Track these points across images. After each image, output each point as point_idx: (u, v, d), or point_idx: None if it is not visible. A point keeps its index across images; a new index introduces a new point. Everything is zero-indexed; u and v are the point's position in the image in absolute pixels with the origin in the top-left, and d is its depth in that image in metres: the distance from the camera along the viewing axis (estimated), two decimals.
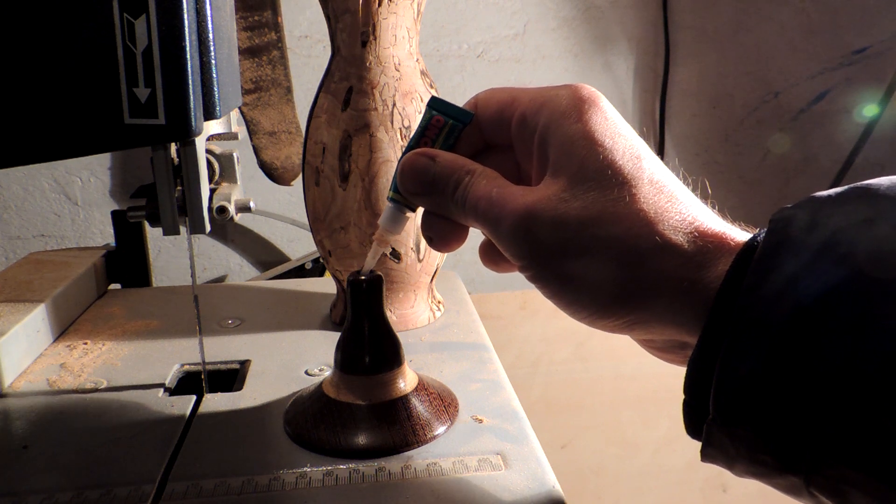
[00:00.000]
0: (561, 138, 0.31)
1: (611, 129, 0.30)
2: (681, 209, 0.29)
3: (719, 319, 0.26)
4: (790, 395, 0.24)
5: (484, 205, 0.32)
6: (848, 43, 1.21)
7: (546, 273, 0.31)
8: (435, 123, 0.34)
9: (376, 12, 0.53)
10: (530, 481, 0.39)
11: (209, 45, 0.41)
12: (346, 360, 0.43)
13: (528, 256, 0.31)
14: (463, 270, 1.20)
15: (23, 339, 0.54)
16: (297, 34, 1.08)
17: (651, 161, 0.30)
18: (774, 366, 0.24)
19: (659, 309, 0.29)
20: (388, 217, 0.37)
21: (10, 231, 1.09)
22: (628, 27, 1.15)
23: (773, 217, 0.27)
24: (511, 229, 0.31)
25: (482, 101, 0.35)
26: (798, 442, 0.24)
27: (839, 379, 0.23)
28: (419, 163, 0.34)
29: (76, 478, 0.40)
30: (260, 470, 0.40)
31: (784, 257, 0.25)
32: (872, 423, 0.22)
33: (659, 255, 0.28)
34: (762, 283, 0.25)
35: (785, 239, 0.26)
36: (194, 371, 0.54)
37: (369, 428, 0.42)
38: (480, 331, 0.60)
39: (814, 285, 0.24)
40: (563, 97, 0.31)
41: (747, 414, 0.25)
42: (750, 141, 1.23)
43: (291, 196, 1.13)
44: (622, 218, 0.29)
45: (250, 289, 0.72)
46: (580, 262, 0.29)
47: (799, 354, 0.24)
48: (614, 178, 0.29)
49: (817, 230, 0.25)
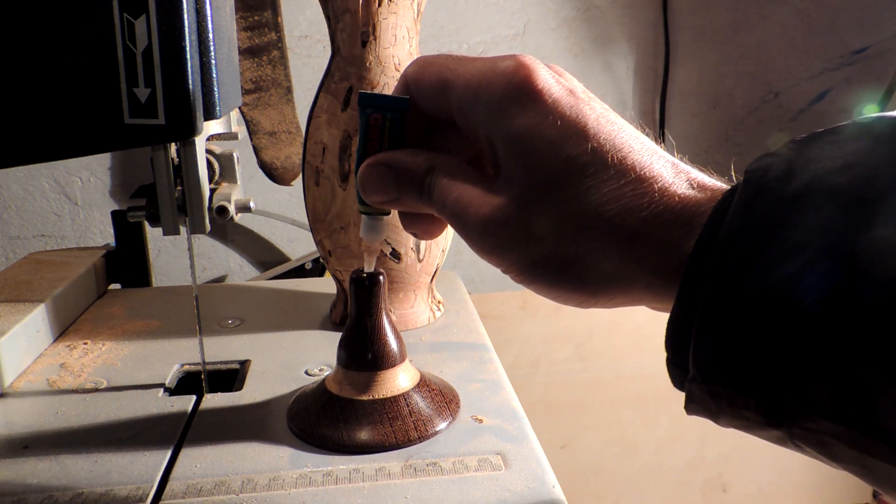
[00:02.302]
0: (503, 138, 0.29)
1: (553, 117, 0.28)
2: (641, 188, 0.28)
3: (695, 278, 0.26)
4: (767, 352, 0.23)
5: (449, 210, 0.31)
6: (848, 43, 1.21)
7: (522, 278, 0.31)
8: (374, 123, 0.33)
9: (376, 12, 0.53)
10: (530, 481, 0.39)
11: (209, 45, 0.41)
12: (348, 357, 0.44)
13: (500, 265, 0.31)
14: (463, 270, 1.20)
15: (23, 339, 0.54)
16: (297, 34, 1.08)
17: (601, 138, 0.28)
18: (750, 323, 0.24)
19: (636, 289, 0.29)
20: (367, 228, 0.36)
21: (10, 231, 1.09)
22: (628, 27, 1.15)
23: (749, 167, 0.26)
24: (477, 243, 0.30)
25: (413, 82, 0.33)
26: (777, 397, 0.24)
27: (817, 333, 0.22)
28: (375, 174, 0.33)
29: (76, 478, 0.40)
30: (260, 470, 0.40)
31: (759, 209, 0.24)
32: (852, 374, 0.22)
33: (624, 244, 0.28)
34: (736, 238, 0.24)
35: (761, 189, 0.25)
36: (194, 371, 0.54)
37: (371, 423, 0.42)
38: (480, 331, 0.60)
39: (790, 238, 0.23)
40: (498, 84, 0.29)
41: (726, 372, 0.25)
42: (750, 141, 1.23)
43: (291, 196, 1.13)
44: (580, 217, 0.28)
45: (250, 289, 0.72)
46: (551, 268, 0.29)
47: (774, 311, 0.23)
48: (564, 180, 0.28)
49: (794, 178, 0.24)
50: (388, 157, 0.33)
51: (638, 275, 0.28)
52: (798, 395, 0.23)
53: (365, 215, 0.36)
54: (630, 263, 0.28)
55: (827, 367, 0.22)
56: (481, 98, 0.30)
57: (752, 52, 1.19)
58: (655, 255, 0.28)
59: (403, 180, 0.32)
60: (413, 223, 0.35)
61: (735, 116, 1.21)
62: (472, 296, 0.70)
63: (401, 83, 0.33)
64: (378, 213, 0.35)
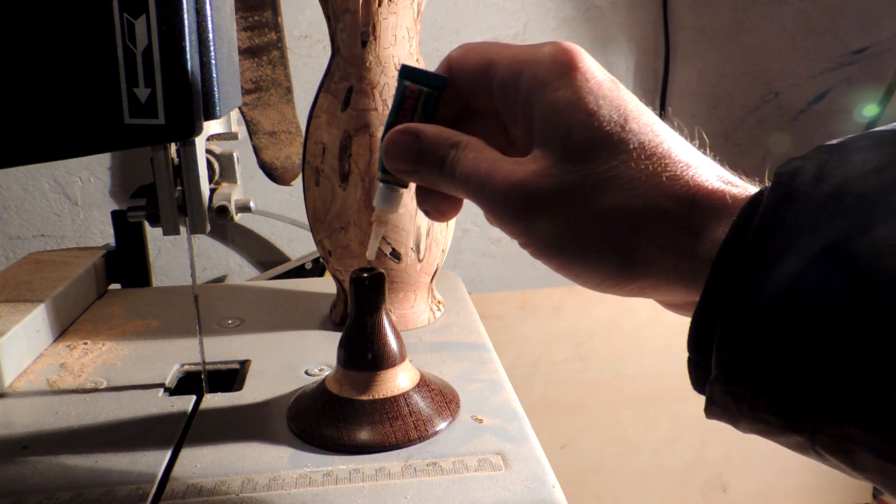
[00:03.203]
0: (543, 108, 0.30)
1: (594, 94, 0.29)
2: (676, 171, 0.28)
3: (721, 278, 0.26)
4: (791, 355, 0.23)
5: (474, 182, 0.31)
6: (848, 43, 1.21)
7: (546, 250, 0.30)
8: (410, 94, 0.33)
9: (376, 12, 0.53)
10: (530, 481, 0.39)
11: (209, 45, 0.41)
12: (348, 357, 0.44)
13: (524, 234, 0.30)
14: (463, 270, 1.20)
15: (23, 339, 0.54)
16: (297, 34, 1.08)
17: (640, 122, 0.29)
18: (774, 326, 0.24)
19: (664, 274, 0.28)
20: (382, 197, 0.36)
21: (10, 231, 1.09)
22: (628, 27, 1.15)
23: (778, 170, 0.26)
24: (503, 208, 0.30)
25: (456, 63, 0.33)
26: (801, 401, 0.23)
27: (844, 337, 0.22)
28: (402, 141, 0.33)
29: (76, 478, 0.40)
30: (260, 470, 0.40)
31: (788, 212, 0.24)
32: (879, 380, 0.21)
33: (656, 223, 0.28)
34: (764, 240, 0.24)
35: (790, 192, 0.25)
36: (194, 371, 0.54)
37: (371, 423, 0.42)
38: (480, 331, 0.60)
39: (818, 241, 0.23)
40: (543, 62, 0.30)
41: (749, 374, 0.24)
42: (750, 141, 1.23)
43: (291, 196, 1.13)
44: (614, 189, 0.28)
45: (250, 289, 0.72)
46: (578, 238, 0.29)
47: (798, 314, 0.23)
48: (601, 150, 0.28)
49: (824, 182, 0.24)
50: (417, 127, 0.33)
51: (667, 258, 0.28)
52: (822, 399, 0.23)
53: (383, 184, 0.36)
54: (661, 243, 0.28)
55: (851, 372, 0.22)
56: (525, 73, 0.30)
57: (752, 52, 1.19)
58: (686, 240, 0.27)
59: (428, 151, 0.32)
60: (427, 199, 0.34)
61: (735, 116, 1.22)
62: (472, 296, 0.70)
63: (443, 64, 0.34)
64: (396, 183, 0.35)
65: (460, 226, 1.18)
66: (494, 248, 1.22)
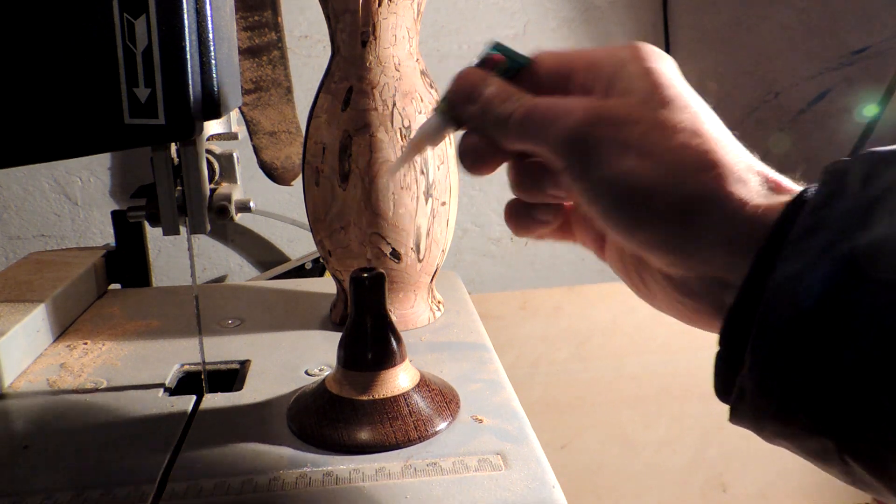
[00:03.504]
0: (631, 74, 0.31)
1: (678, 76, 0.31)
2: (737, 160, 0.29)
3: (762, 270, 0.26)
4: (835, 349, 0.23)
5: (540, 111, 0.31)
6: (848, 43, 1.21)
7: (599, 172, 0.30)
8: (492, 59, 0.34)
9: (376, 12, 0.53)
10: (530, 481, 0.39)
11: (209, 45, 0.41)
12: (348, 357, 0.44)
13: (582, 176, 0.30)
14: (463, 270, 1.20)
15: (23, 339, 0.54)
16: (297, 34, 1.08)
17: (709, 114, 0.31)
18: (821, 314, 0.23)
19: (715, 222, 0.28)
20: (430, 126, 0.36)
21: (10, 231, 1.09)
22: (628, 27, 1.15)
23: (826, 168, 0.27)
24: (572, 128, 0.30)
25: (543, 54, 0.35)
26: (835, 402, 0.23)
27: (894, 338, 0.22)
28: (476, 74, 0.34)
29: (76, 478, 0.40)
30: (260, 470, 0.40)
31: (836, 208, 0.25)
32: None
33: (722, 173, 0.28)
34: (810, 234, 0.25)
35: (839, 189, 0.25)
36: (194, 371, 0.54)
37: (371, 423, 0.42)
38: (480, 331, 0.60)
39: (865, 237, 0.23)
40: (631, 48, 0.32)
41: (785, 365, 0.24)
42: (750, 141, 1.22)
43: (291, 196, 1.13)
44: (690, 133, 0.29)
45: (250, 289, 0.72)
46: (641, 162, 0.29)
47: (848, 304, 0.23)
48: (683, 105, 0.30)
49: (872, 184, 0.25)
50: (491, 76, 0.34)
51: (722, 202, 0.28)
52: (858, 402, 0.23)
53: (437, 114, 0.36)
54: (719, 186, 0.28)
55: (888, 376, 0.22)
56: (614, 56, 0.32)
57: (752, 52, 1.19)
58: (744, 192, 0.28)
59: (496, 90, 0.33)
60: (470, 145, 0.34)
61: (735, 116, 1.21)
62: (472, 296, 0.70)
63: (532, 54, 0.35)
64: (451, 120, 0.35)
65: (460, 226, 1.18)
66: (494, 248, 1.22)
